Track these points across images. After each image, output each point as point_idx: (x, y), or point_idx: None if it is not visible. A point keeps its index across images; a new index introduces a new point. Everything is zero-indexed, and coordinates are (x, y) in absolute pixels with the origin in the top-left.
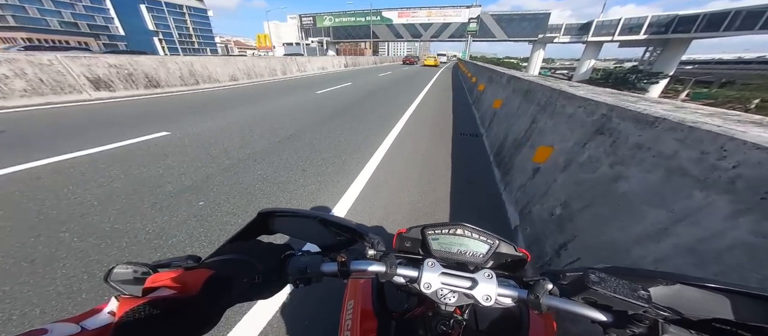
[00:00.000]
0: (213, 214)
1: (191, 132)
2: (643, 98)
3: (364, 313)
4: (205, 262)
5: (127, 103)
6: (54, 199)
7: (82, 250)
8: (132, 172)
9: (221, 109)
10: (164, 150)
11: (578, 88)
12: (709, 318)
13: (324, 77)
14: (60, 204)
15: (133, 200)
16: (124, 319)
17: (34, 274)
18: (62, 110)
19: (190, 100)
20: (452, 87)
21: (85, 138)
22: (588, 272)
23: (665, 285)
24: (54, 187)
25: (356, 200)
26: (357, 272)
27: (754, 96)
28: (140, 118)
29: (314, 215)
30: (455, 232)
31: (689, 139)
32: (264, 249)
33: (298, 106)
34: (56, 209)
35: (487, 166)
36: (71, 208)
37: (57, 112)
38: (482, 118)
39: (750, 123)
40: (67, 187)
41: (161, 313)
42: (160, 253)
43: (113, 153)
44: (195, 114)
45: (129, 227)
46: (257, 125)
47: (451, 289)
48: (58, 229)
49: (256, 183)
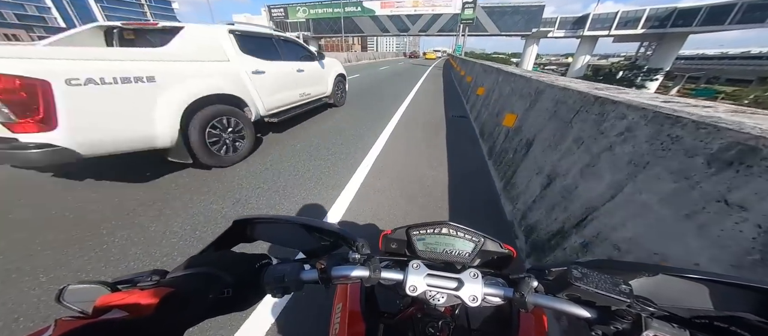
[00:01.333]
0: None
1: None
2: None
3: (352, 315)
4: (168, 278)
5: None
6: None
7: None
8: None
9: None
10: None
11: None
12: (689, 307)
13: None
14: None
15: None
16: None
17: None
18: None
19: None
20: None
21: None
22: (571, 268)
23: (647, 276)
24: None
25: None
26: (339, 278)
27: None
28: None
29: (296, 220)
30: (440, 231)
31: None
32: (236, 259)
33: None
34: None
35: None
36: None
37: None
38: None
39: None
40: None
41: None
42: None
43: None
44: None
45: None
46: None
47: (439, 290)
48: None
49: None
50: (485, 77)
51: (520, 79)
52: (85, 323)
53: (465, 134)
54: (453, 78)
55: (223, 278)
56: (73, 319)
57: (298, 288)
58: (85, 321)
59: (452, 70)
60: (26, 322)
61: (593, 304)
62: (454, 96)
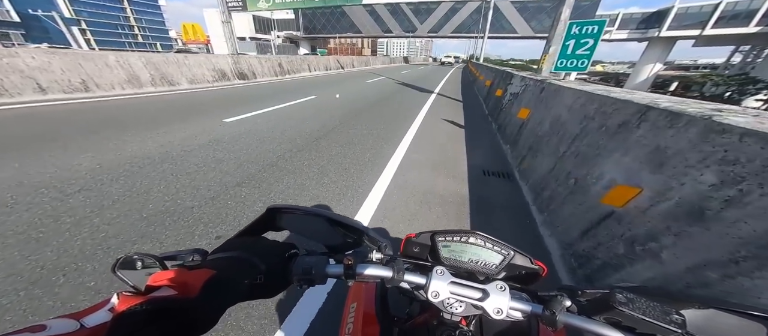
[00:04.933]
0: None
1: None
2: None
3: (366, 316)
4: (209, 259)
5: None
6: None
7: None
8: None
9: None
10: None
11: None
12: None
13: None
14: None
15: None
16: (121, 318)
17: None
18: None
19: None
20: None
21: None
22: (614, 291)
23: (698, 309)
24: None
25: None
26: (363, 276)
27: None
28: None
29: (322, 214)
30: (468, 240)
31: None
32: (268, 247)
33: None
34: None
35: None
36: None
37: None
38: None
39: None
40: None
41: (159, 314)
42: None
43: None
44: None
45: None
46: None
47: (459, 298)
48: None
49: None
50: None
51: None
52: (145, 299)
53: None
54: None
55: (257, 265)
56: (131, 295)
57: (323, 281)
58: (143, 297)
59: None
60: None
61: (634, 331)
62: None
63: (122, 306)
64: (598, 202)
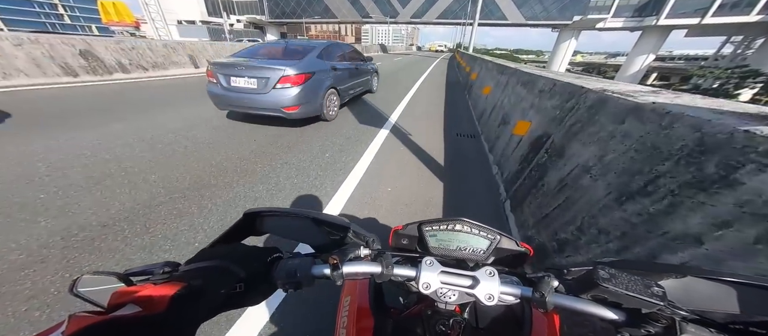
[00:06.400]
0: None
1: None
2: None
3: (360, 310)
4: (180, 271)
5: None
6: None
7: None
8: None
9: None
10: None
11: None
12: (719, 311)
13: None
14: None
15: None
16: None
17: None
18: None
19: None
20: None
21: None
22: (597, 268)
23: (675, 278)
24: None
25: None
26: (351, 274)
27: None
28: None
29: (305, 214)
30: (454, 227)
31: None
32: (248, 253)
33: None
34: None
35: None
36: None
37: None
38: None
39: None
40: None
41: (121, 335)
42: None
43: None
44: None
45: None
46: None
47: (451, 288)
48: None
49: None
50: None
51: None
52: (99, 320)
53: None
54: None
55: (235, 272)
56: (86, 315)
57: (310, 283)
58: (98, 318)
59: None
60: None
61: (620, 306)
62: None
63: (74, 327)
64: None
